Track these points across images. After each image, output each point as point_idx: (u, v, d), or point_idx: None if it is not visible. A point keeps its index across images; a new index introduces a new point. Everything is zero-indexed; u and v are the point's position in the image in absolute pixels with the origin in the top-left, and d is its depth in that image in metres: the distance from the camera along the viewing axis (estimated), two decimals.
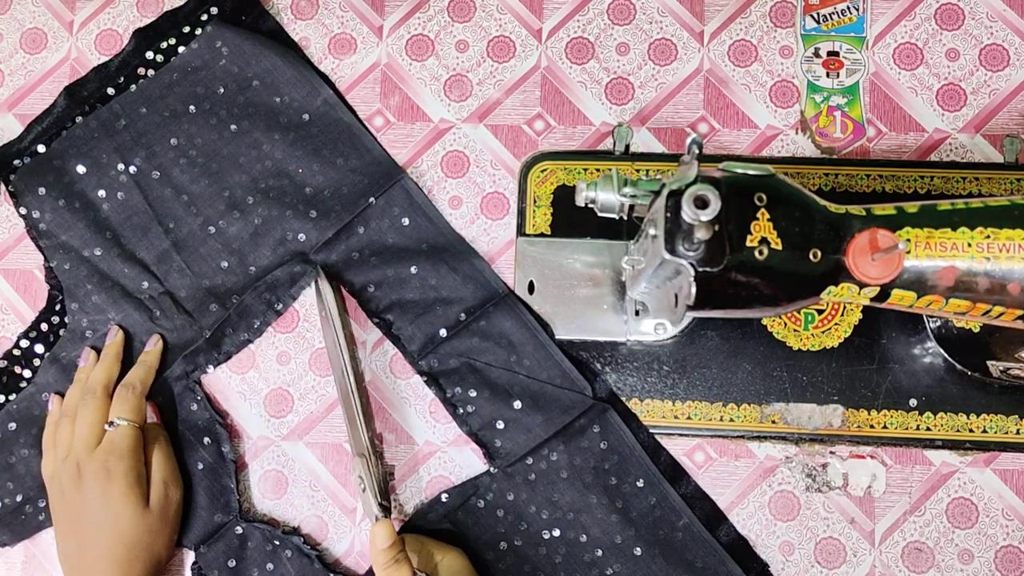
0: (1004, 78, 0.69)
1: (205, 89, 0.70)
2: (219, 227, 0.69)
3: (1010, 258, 0.48)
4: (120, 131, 0.70)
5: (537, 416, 0.64)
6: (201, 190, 0.69)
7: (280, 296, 0.68)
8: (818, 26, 0.70)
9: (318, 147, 0.69)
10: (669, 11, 0.71)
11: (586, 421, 0.64)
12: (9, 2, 0.74)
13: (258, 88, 0.70)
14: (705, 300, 0.48)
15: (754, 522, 0.65)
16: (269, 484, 0.67)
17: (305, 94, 0.70)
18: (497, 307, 0.66)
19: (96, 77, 0.71)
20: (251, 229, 0.68)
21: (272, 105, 0.70)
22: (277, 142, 0.69)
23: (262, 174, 0.69)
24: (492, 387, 0.65)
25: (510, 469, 0.64)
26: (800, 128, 0.69)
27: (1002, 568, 0.64)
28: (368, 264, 0.68)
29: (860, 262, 0.48)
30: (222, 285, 0.68)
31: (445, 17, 0.72)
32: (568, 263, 0.67)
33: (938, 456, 0.65)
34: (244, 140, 0.69)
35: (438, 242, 0.68)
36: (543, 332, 0.65)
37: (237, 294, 0.68)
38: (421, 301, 0.67)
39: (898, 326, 0.65)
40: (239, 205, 0.69)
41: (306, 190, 0.69)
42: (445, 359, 0.66)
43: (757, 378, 0.65)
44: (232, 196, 0.69)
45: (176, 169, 0.69)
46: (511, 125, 0.71)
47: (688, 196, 0.45)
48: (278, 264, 0.68)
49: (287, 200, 0.68)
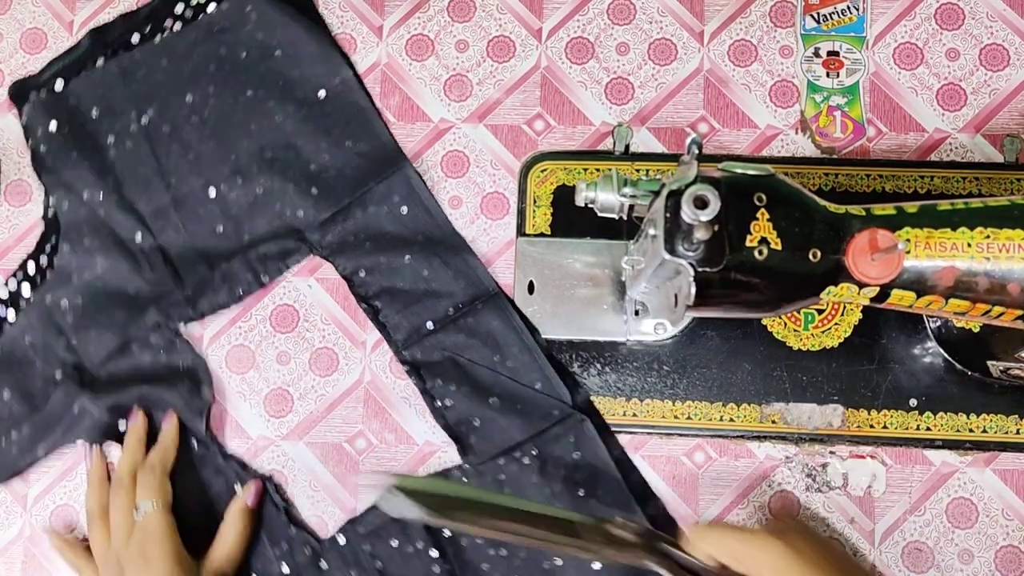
0: (1004, 78, 0.69)
1: (228, 51, 0.70)
2: (220, 191, 0.69)
3: (1010, 258, 0.48)
4: (138, 80, 0.70)
5: (514, 418, 0.64)
6: (208, 151, 0.69)
7: (267, 268, 0.68)
8: (818, 26, 0.70)
9: (329, 126, 0.69)
10: (669, 11, 0.71)
11: (562, 430, 0.64)
12: (9, 2, 0.74)
13: (279, 58, 0.70)
14: (705, 300, 0.48)
15: (754, 522, 0.65)
16: None
17: (325, 71, 0.70)
18: (486, 305, 0.66)
19: (123, 23, 0.72)
20: (251, 198, 0.68)
21: (291, 77, 0.70)
22: (290, 115, 0.69)
23: (270, 144, 0.69)
24: (472, 384, 0.65)
25: (481, 467, 0.64)
26: (800, 128, 0.69)
27: (1002, 568, 0.64)
28: (362, 248, 0.68)
29: (860, 262, 0.48)
30: (214, 249, 0.68)
31: (445, 17, 0.72)
32: (568, 263, 0.67)
33: (938, 456, 0.65)
34: (258, 108, 0.69)
35: (434, 235, 0.68)
36: (529, 335, 0.65)
37: (226, 260, 0.68)
38: (411, 291, 0.67)
39: (898, 326, 0.65)
40: (243, 172, 0.69)
41: (311, 167, 0.69)
42: (429, 351, 0.66)
43: (757, 378, 0.65)
44: (237, 162, 0.69)
45: (187, 126, 0.69)
46: (511, 125, 0.71)
47: (688, 196, 0.45)
48: (272, 237, 0.68)
49: (290, 174, 0.68)
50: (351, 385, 0.68)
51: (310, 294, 0.69)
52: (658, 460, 0.66)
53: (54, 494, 0.67)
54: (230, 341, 0.69)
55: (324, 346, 0.68)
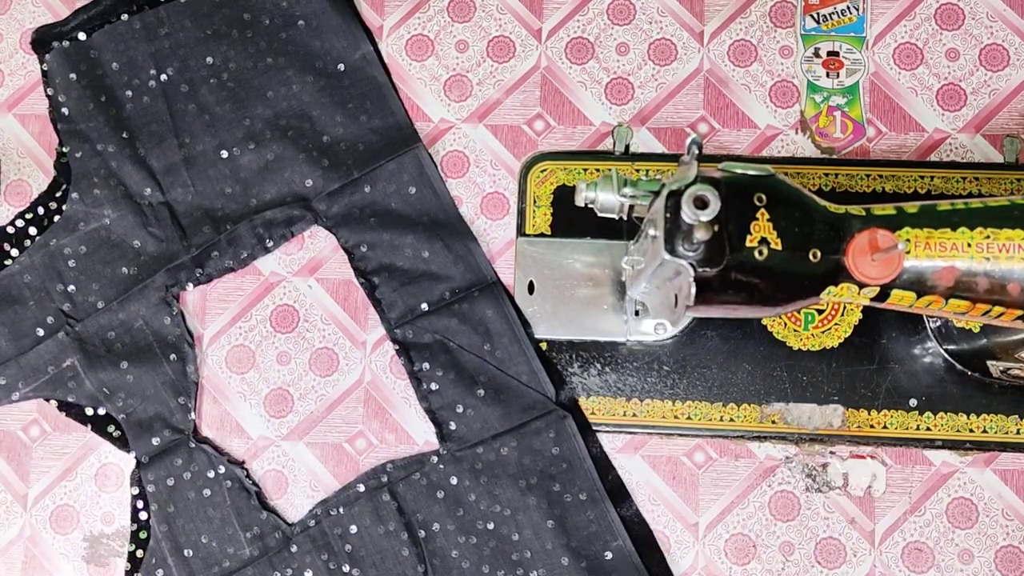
0: (1004, 78, 0.69)
1: (251, 17, 0.71)
2: (232, 153, 0.69)
3: (1010, 258, 0.48)
4: (160, 38, 0.71)
5: (497, 408, 0.64)
6: (224, 113, 0.70)
7: (272, 234, 0.68)
8: (818, 26, 0.70)
9: (345, 99, 0.70)
10: (669, 11, 0.71)
11: (543, 424, 0.64)
12: (9, 2, 0.74)
13: (302, 28, 0.70)
14: (705, 300, 0.48)
15: (754, 522, 0.65)
16: (269, 484, 0.67)
17: (346, 44, 0.70)
18: (483, 293, 0.66)
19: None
20: (262, 163, 0.69)
21: (312, 47, 0.70)
22: (308, 85, 0.70)
23: (285, 112, 0.70)
24: (459, 370, 0.65)
25: (459, 454, 0.64)
26: (800, 128, 0.69)
27: (1002, 568, 0.64)
28: (366, 224, 0.68)
29: (860, 262, 0.48)
30: (220, 210, 0.69)
31: (445, 17, 0.72)
32: (568, 263, 0.67)
33: (938, 456, 0.65)
34: (276, 75, 0.70)
35: (439, 217, 0.68)
36: (521, 328, 0.66)
37: (232, 222, 0.68)
38: (410, 271, 0.67)
39: (898, 326, 0.65)
40: (256, 137, 0.69)
41: (323, 138, 0.69)
42: (420, 333, 0.66)
43: (757, 378, 0.65)
44: (252, 126, 0.69)
45: (205, 87, 0.70)
46: (511, 125, 0.71)
47: (688, 196, 0.45)
48: (279, 203, 0.68)
49: (303, 143, 0.69)
50: (351, 385, 0.68)
51: (310, 294, 0.69)
52: (658, 460, 0.66)
53: (54, 494, 0.68)
54: (230, 341, 0.69)
55: (324, 346, 0.68)
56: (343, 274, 0.69)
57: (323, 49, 0.70)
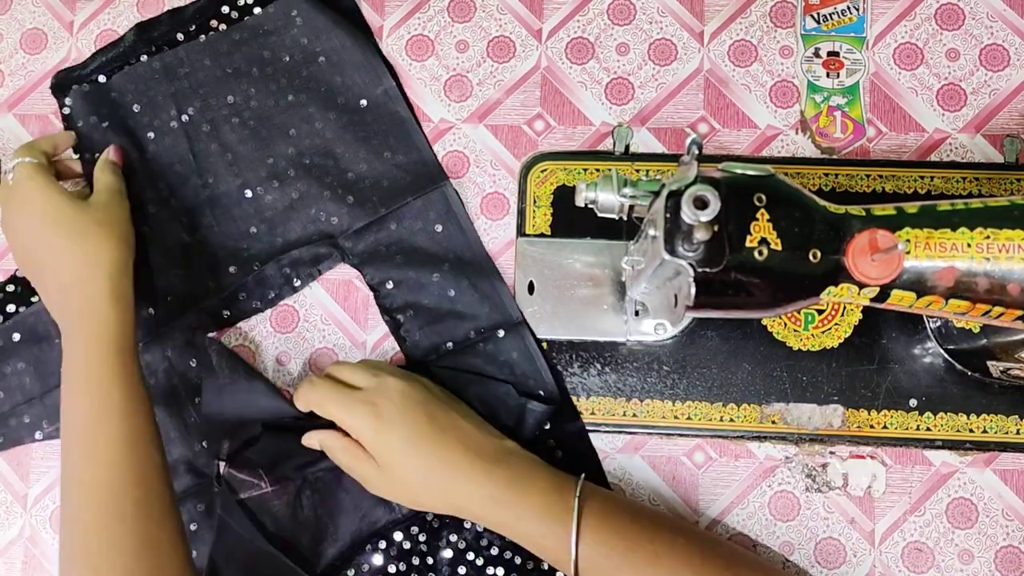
0: (1004, 78, 0.69)
1: (271, 54, 0.71)
2: (256, 192, 0.69)
3: (1010, 258, 0.48)
4: (180, 78, 0.70)
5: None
6: (247, 152, 0.69)
7: (300, 273, 0.68)
8: (818, 26, 0.70)
9: (369, 135, 0.69)
10: (669, 11, 0.71)
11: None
12: (9, 2, 0.74)
13: (323, 64, 0.70)
14: (705, 300, 0.48)
15: (754, 522, 0.65)
16: None
17: (368, 80, 0.70)
18: (508, 333, 0.66)
19: (169, 20, 0.72)
20: (287, 201, 0.69)
21: (333, 84, 0.70)
22: (330, 121, 0.69)
23: (309, 150, 0.69)
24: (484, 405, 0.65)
25: None
26: (800, 128, 0.69)
27: (1002, 568, 0.64)
28: (392, 261, 0.68)
29: (860, 262, 0.48)
30: (246, 250, 0.68)
31: (445, 17, 0.72)
32: (568, 263, 0.67)
33: (938, 456, 0.65)
34: (298, 112, 0.70)
35: (465, 256, 0.68)
36: (548, 370, 0.65)
37: (260, 262, 0.68)
38: (435, 310, 0.67)
39: (898, 326, 0.65)
40: (280, 175, 0.69)
41: (348, 175, 0.69)
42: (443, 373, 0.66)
43: (757, 378, 0.65)
44: (275, 165, 0.69)
45: (227, 126, 0.70)
46: (511, 125, 0.71)
47: (688, 196, 0.45)
48: (306, 241, 0.68)
49: (327, 181, 0.69)
50: None
51: (310, 294, 0.69)
52: (658, 460, 0.66)
53: (54, 494, 0.68)
54: (230, 342, 0.69)
55: (324, 347, 0.68)
56: (343, 274, 0.69)
57: (344, 85, 0.70)
